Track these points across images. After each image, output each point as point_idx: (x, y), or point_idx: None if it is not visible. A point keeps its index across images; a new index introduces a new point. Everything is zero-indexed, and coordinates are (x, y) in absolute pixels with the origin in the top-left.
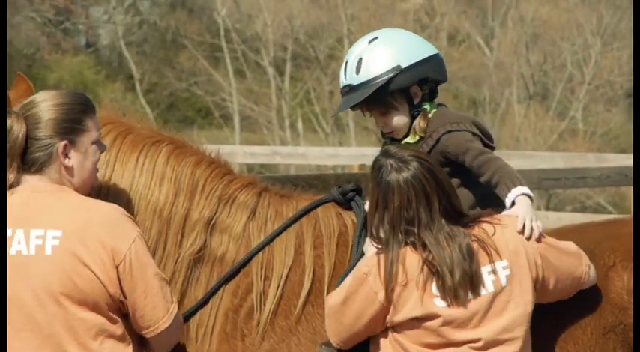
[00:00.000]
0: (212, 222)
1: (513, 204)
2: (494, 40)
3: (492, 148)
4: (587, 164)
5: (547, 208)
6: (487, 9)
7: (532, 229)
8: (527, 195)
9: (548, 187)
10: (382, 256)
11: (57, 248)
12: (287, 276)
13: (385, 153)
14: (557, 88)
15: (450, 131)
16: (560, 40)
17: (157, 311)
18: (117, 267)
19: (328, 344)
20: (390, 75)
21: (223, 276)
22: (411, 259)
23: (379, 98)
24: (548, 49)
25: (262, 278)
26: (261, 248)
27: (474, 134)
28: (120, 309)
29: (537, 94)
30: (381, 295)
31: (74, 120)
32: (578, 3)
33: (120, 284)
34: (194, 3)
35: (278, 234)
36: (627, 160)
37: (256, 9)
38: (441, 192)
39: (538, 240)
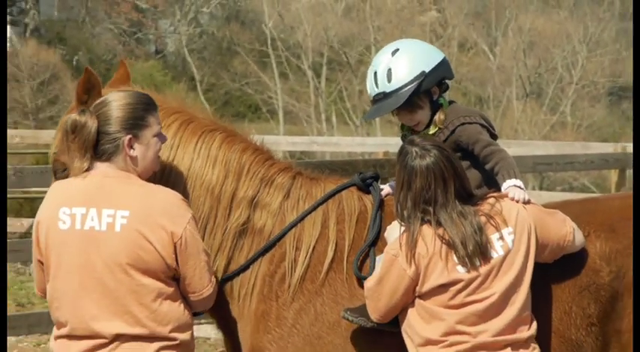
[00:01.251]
0: (254, 200)
1: None
2: (497, 47)
3: (496, 136)
4: (574, 151)
5: (540, 188)
6: (491, 21)
7: (522, 197)
8: (519, 187)
9: (541, 170)
10: (404, 238)
11: (125, 226)
12: (314, 247)
13: (410, 142)
14: (550, 87)
15: (463, 123)
16: (553, 47)
17: (202, 281)
18: (175, 244)
19: (353, 310)
20: (419, 80)
21: (262, 247)
22: (430, 236)
23: (408, 100)
24: (543, 54)
25: (294, 248)
26: (294, 224)
27: (482, 126)
28: (174, 276)
29: (533, 93)
30: (410, 271)
31: (138, 117)
32: (567, 16)
33: (175, 257)
34: (246, 16)
35: (308, 213)
36: (608, 148)
37: (298, 21)
38: (456, 177)
39: (529, 204)
